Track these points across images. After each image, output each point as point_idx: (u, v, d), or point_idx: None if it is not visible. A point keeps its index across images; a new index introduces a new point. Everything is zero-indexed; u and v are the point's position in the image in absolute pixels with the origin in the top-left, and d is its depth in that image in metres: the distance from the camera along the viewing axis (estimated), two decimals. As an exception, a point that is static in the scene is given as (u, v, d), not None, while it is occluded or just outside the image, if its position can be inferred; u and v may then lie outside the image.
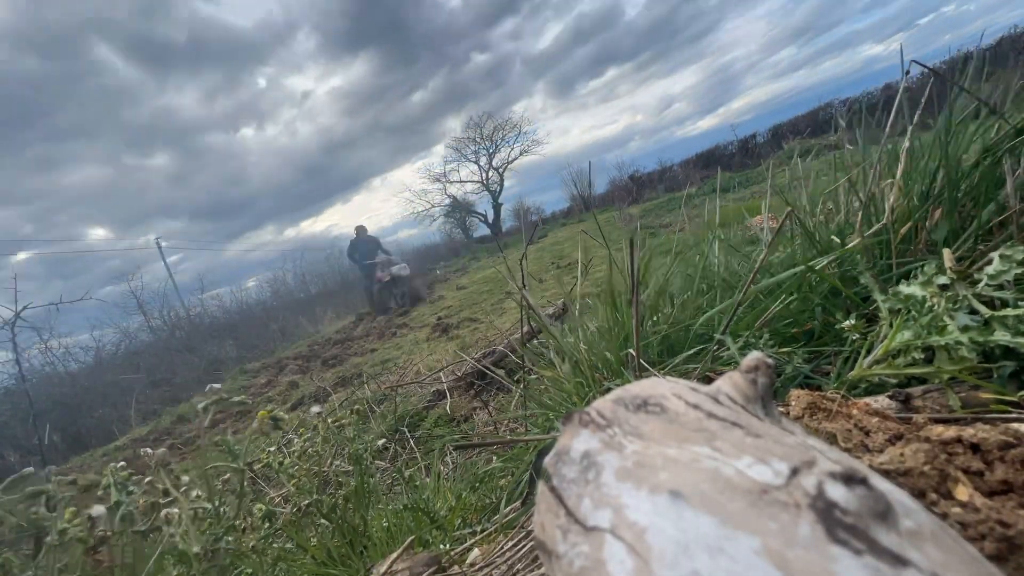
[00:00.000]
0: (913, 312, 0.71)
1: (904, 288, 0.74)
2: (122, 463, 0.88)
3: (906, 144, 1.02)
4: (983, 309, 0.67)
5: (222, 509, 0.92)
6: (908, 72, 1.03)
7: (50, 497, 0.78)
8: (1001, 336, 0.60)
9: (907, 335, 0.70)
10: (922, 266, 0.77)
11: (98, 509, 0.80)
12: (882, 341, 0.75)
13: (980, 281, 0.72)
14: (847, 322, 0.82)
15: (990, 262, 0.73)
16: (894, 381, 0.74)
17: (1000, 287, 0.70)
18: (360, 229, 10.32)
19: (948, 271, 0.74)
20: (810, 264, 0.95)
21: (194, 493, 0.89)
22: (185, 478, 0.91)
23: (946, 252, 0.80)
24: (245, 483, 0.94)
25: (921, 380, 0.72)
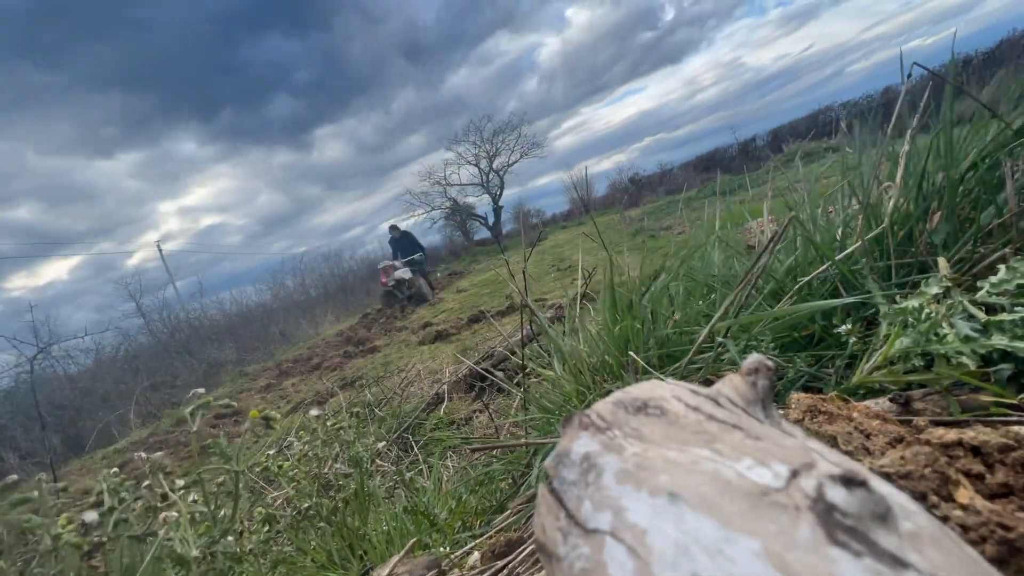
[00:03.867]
0: (911, 319, 0.71)
1: (904, 303, 0.74)
2: (115, 469, 0.88)
3: (905, 147, 1.02)
4: (980, 314, 0.67)
5: (220, 512, 0.91)
6: (910, 75, 1.03)
7: (40, 504, 0.78)
8: (999, 340, 0.61)
9: (906, 342, 0.70)
10: (924, 280, 0.77)
11: (91, 515, 0.80)
12: (881, 347, 0.75)
13: (980, 288, 0.72)
14: (844, 327, 0.82)
15: (990, 266, 0.73)
16: (894, 387, 0.75)
17: (1000, 294, 0.70)
18: (393, 228, 10.89)
19: (944, 278, 0.74)
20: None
21: (190, 497, 0.89)
22: (180, 482, 0.91)
23: (941, 261, 0.80)
24: (240, 486, 0.93)
25: (921, 383, 0.72)
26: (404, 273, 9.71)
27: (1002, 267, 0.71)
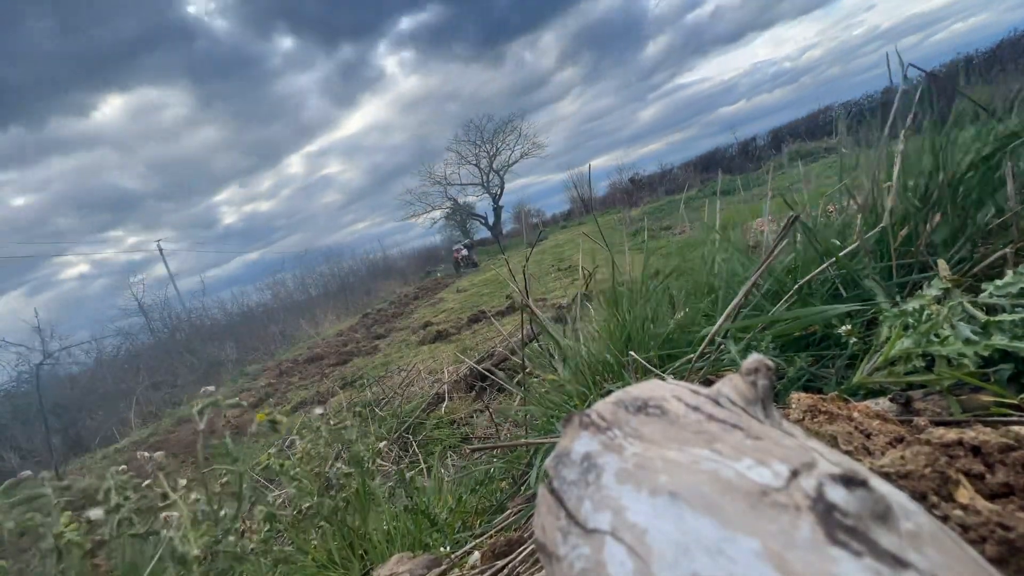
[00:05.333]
0: (912, 320, 0.71)
1: (905, 305, 0.74)
2: (123, 467, 0.88)
3: (900, 147, 1.02)
4: (980, 315, 0.67)
5: (222, 512, 0.91)
6: (906, 75, 1.03)
7: (43, 503, 0.78)
8: (999, 340, 0.61)
9: (907, 343, 0.70)
10: (925, 282, 0.77)
11: (96, 512, 0.80)
12: (882, 347, 0.75)
13: (981, 288, 0.72)
14: (844, 327, 0.82)
15: (990, 266, 0.73)
16: (895, 388, 0.74)
17: (1003, 297, 0.70)
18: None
19: (943, 279, 0.74)
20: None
21: (192, 496, 0.89)
22: (182, 481, 0.91)
23: (941, 263, 0.80)
24: (244, 486, 0.94)
25: (921, 384, 0.72)
26: (464, 250, 19.25)
27: (1009, 272, 0.71)
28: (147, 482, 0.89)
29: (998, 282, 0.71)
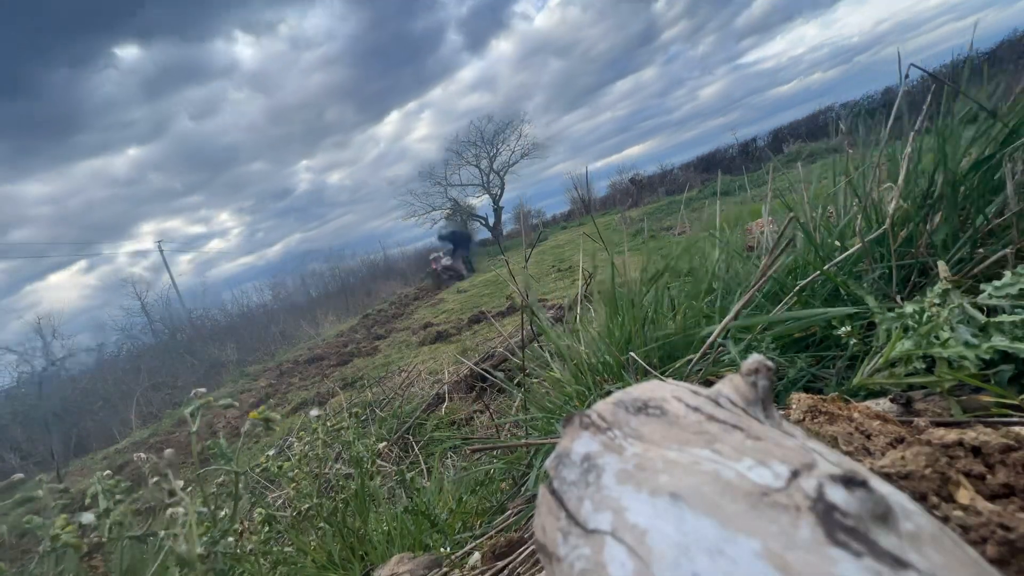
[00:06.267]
0: (912, 322, 0.71)
1: (902, 308, 0.74)
2: (107, 472, 0.89)
3: (907, 151, 1.02)
4: (979, 316, 0.67)
5: (221, 512, 0.91)
6: (907, 76, 1.03)
7: (42, 505, 0.78)
8: (999, 341, 0.61)
9: (908, 345, 0.70)
10: (928, 288, 0.77)
11: (87, 516, 0.80)
12: (882, 348, 0.75)
13: (980, 289, 0.72)
14: (843, 328, 0.82)
15: (991, 266, 0.73)
16: (895, 389, 0.74)
17: (1002, 298, 0.70)
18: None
19: (943, 280, 0.74)
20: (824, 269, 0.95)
21: (187, 497, 0.88)
22: (180, 482, 0.91)
23: (941, 264, 0.80)
24: (240, 487, 0.93)
25: (922, 385, 0.72)
26: (445, 260, 14.02)
27: (1007, 272, 0.71)
28: (155, 479, 0.89)
29: (996, 283, 0.71)
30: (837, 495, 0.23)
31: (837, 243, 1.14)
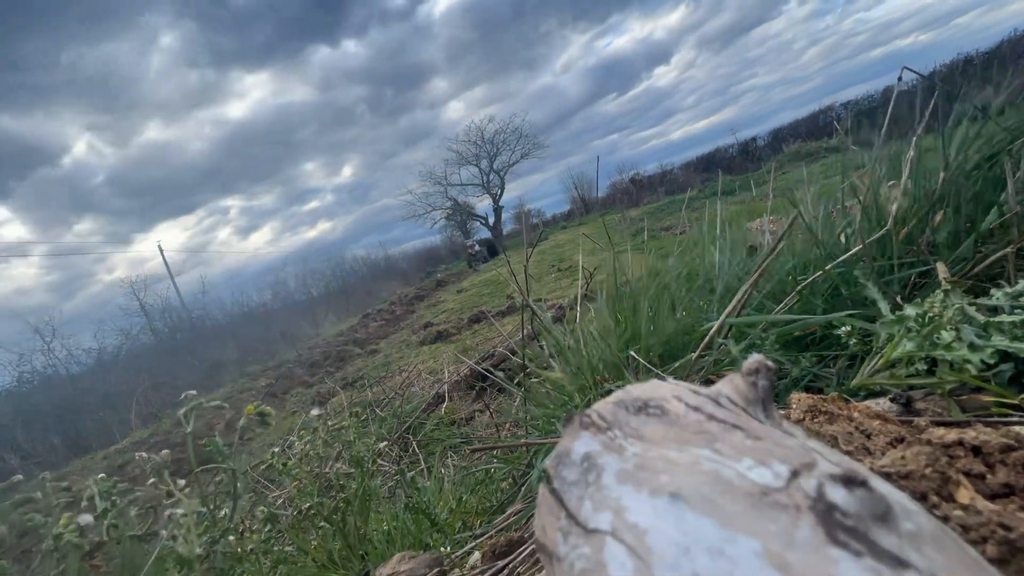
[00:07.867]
0: (913, 324, 0.71)
1: (902, 311, 0.74)
2: (102, 475, 0.89)
3: (911, 153, 1.02)
4: (979, 317, 0.67)
5: (221, 512, 0.91)
6: (900, 78, 1.03)
7: (45, 504, 0.78)
8: (999, 341, 0.61)
9: (909, 346, 0.69)
10: (930, 293, 0.77)
11: (85, 518, 0.81)
12: (883, 349, 0.75)
13: (981, 288, 0.72)
14: (844, 328, 0.82)
15: (991, 266, 0.73)
16: (896, 389, 0.74)
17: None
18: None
19: (943, 281, 0.74)
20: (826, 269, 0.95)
21: (185, 498, 0.88)
22: (181, 482, 0.91)
23: (940, 266, 0.80)
24: (239, 486, 0.94)
25: (922, 386, 0.72)
26: (476, 246, 19.68)
27: (1022, 281, 0.71)
28: (151, 480, 0.89)
29: (1008, 289, 0.70)
30: (837, 495, 0.23)
31: (841, 241, 1.14)
